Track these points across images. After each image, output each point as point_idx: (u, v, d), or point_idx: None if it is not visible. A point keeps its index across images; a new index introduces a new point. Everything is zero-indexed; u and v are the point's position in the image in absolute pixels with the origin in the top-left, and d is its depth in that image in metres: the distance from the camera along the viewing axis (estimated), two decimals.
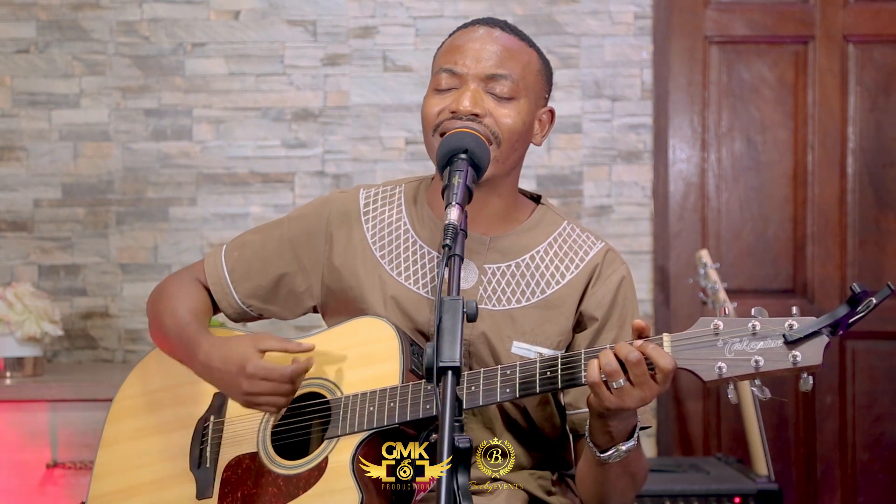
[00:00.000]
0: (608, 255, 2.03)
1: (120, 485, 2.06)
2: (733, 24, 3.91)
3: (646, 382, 1.66)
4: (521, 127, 1.95)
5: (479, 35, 1.97)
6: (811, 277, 3.89)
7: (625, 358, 1.66)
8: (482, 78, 1.93)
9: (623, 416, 1.74)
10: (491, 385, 1.80)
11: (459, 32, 2.01)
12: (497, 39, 1.96)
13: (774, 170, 3.92)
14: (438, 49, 2.03)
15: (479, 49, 1.94)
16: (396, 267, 2.03)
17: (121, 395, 2.16)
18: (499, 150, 1.92)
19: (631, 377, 1.66)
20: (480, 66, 1.93)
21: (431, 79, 2.00)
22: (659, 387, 1.67)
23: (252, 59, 3.85)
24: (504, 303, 1.98)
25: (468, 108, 1.90)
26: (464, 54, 1.94)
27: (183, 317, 2.04)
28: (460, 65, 1.94)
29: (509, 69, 1.94)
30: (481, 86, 1.93)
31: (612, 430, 1.76)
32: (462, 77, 1.94)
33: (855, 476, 3.90)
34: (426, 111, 1.96)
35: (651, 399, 1.70)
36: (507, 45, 1.96)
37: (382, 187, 2.12)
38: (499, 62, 1.93)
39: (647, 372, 1.66)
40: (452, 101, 1.92)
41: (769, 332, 1.62)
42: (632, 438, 1.79)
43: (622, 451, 1.78)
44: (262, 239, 2.12)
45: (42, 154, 3.83)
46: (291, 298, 2.11)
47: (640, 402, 1.68)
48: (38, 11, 3.83)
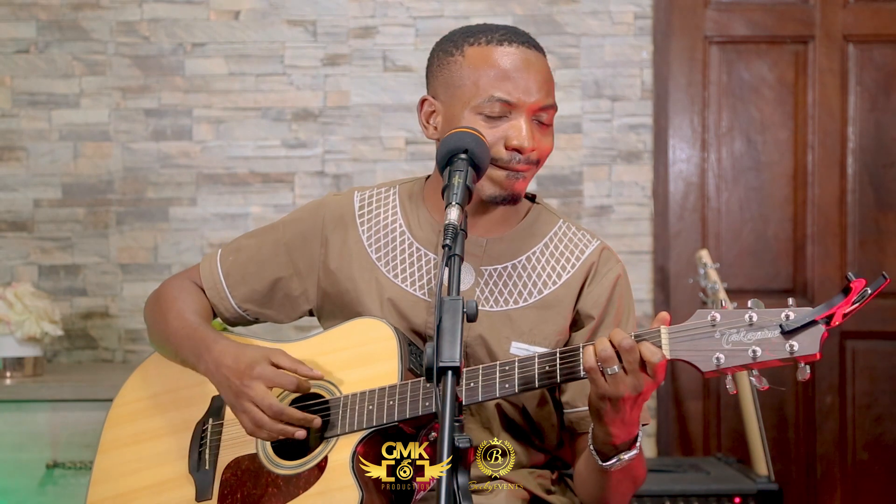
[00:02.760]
0: (603, 253, 2.04)
1: (119, 489, 2.06)
2: (733, 24, 3.91)
3: (637, 371, 1.68)
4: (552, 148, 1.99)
5: (522, 59, 1.93)
6: (811, 277, 3.89)
7: (618, 344, 1.68)
8: (534, 110, 1.92)
9: (624, 423, 1.74)
10: (490, 380, 1.80)
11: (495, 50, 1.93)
12: (539, 65, 1.94)
13: (774, 170, 3.92)
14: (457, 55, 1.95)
15: (528, 78, 1.91)
16: (393, 269, 2.03)
17: (118, 400, 2.16)
18: (533, 171, 1.96)
19: (624, 364, 1.68)
20: (533, 99, 1.91)
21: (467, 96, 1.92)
22: (651, 379, 1.69)
23: (252, 59, 3.85)
24: (501, 304, 1.99)
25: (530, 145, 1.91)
26: (515, 83, 1.91)
27: (192, 319, 2.05)
28: (514, 96, 1.90)
29: (553, 98, 1.96)
30: (529, 115, 1.92)
31: (614, 439, 1.77)
32: (515, 106, 1.91)
33: (855, 476, 3.90)
34: None
35: (647, 393, 1.71)
36: (544, 71, 1.95)
37: (377, 189, 2.12)
38: (547, 93, 1.94)
39: (638, 360, 1.68)
40: (512, 137, 1.90)
41: (766, 322, 1.63)
42: (634, 447, 1.80)
43: (624, 459, 1.80)
44: (257, 243, 2.12)
45: (42, 154, 3.83)
46: (287, 302, 2.11)
47: (633, 391, 1.69)
48: (38, 11, 3.83)
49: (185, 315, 2.06)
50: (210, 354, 1.95)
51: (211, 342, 1.97)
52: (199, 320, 2.05)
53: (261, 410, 1.86)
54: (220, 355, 1.93)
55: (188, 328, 2.03)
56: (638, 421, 1.78)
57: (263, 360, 1.89)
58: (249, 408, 1.87)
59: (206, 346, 1.97)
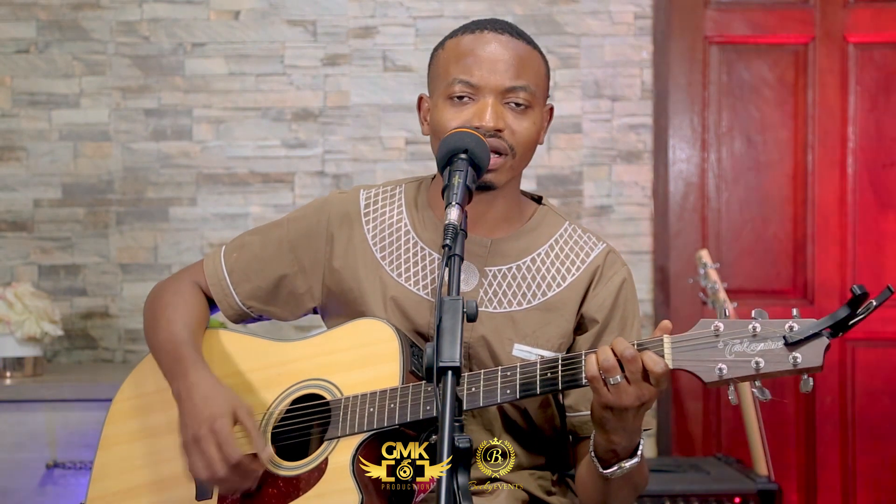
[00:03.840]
0: (609, 256, 2.03)
1: (119, 486, 2.06)
2: (733, 24, 3.91)
3: (640, 381, 1.67)
4: (535, 135, 1.95)
5: (489, 43, 1.93)
6: (811, 277, 3.89)
7: (621, 354, 1.66)
8: (501, 91, 1.91)
9: (626, 431, 1.73)
10: (491, 386, 1.79)
11: (467, 37, 1.96)
12: (508, 47, 1.93)
13: (774, 170, 3.92)
14: (440, 49, 2.00)
15: (494, 59, 1.92)
16: (397, 268, 2.02)
17: (120, 396, 2.15)
18: (514, 161, 1.92)
19: (627, 374, 1.67)
20: (498, 78, 1.90)
21: (440, 83, 1.96)
22: (653, 388, 1.67)
23: (252, 59, 3.85)
24: (505, 305, 1.98)
25: (492, 125, 1.88)
26: (479, 64, 1.91)
27: (179, 333, 2.02)
28: (476, 76, 1.90)
29: (525, 79, 1.92)
30: (499, 98, 1.91)
31: (616, 447, 1.76)
32: (479, 88, 1.91)
33: (855, 476, 3.90)
34: (443, 122, 1.92)
35: (650, 401, 1.69)
36: (520, 54, 1.94)
37: (382, 188, 2.12)
38: (516, 73, 1.92)
39: (641, 370, 1.66)
40: (474, 116, 1.89)
41: (769, 333, 1.62)
42: (635, 455, 1.78)
43: (625, 467, 1.78)
44: (262, 240, 2.12)
45: (42, 154, 3.83)
46: (292, 300, 2.10)
47: (636, 401, 1.68)
48: (38, 11, 3.83)
49: (173, 326, 2.03)
50: (184, 381, 1.93)
51: (188, 366, 1.95)
52: (186, 335, 2.02)
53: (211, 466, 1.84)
54: (191, 387, 1.91)
55: (173, 342, 2.00)
56: (640, 429, 1.77)
57: (229, 412, 1.86)
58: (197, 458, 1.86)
59: (183, 370, 1.94)
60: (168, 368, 1.99)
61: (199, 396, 1.89)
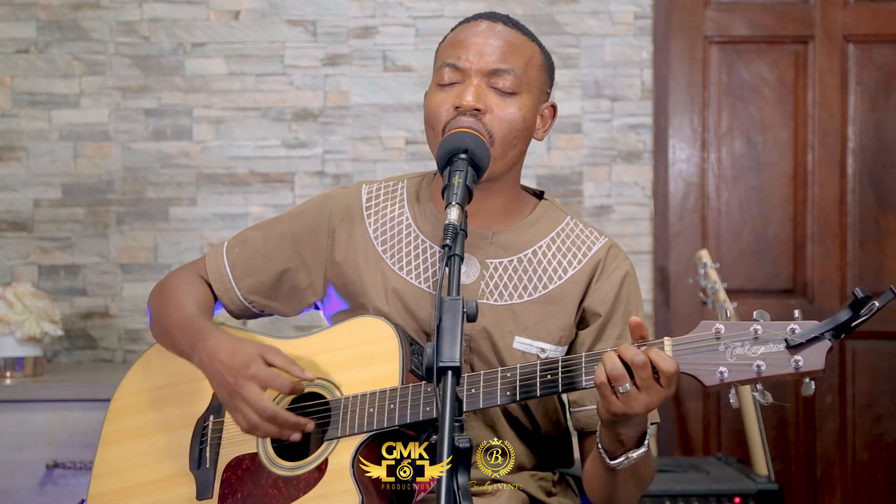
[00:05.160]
0: (611, 250, 2.03)
1: (120, 484, 2.06)
2: (733, 24, 3.91)
3: (651, 386, 1.65)
4: (521, 123, 1.95)
5: (481, 29, 1.97)
6: (811, 277, 3.89)
7: (630, 361, 1.64)
8: (485, 73, 1.93)
9: (632, 422, 1.73)
10: (491, 388, 1.79)
11: (462, 27, 2.01)
12: (499, 34, 1.96)
13: (774, 170, 3.92)
14: (440, 44, 2.03)
15: (482, 43, 1.94)
16: (398, 261, 2.02)
17: (120, 393, 2.15)
18: (493, 147, 1.91)
19: (637, 381, 1.65)
20: (483, 61, 1.93)
21: (434, 74, 2.00)
22: (664, 391, 1.66)
23: (252, 59, 3.85)
24: (506, 298, 1.98)
25: (471, 102, 1.90)
26: (467, 49, 1.94)
27: (190, 310, 2.03)
28: (463, 59, 1.94)
29: (512, 64, 1.94)
30: (484, 81, 1.93)
31: (622, 437, 1.75)
32: (465, 72, 1.94)
33: (855, 476, 3.90)
34: (430, 107, 1.96)
35: (657, 404, 1.68)
36: (510, 40, 1.96)
37: (385, 183, 2.12)
38: (501, 57, 1.94)
39: (652, 375, 1.64)
40: (456, 97, 1.92)
41: (771, 336, 1.60)
42: (642, 445, 1.78)
43: (633, 458, 1.77)
44: (264, 235, 2.12)
45: (42, 154, 3.83)
46: (294, 294, 2.10)
47: (646, 408, 1.67)
48: (38, 11, 3.83)
49: (184, 305, 2.04)
50: (204, 346, 1.93)
51: (206, 333, 1.95)
52: (197, 311, 2.03)
53: (255, 412, 1.85)
54: (214, 348, 1.91)
55: (185, 318, 2.02)
56: (646, 420, 1.76)
57: (258, 358, 1.87)
58: (243, 408, 1.85)
59: (202, 337, 1.95)
60: (186, 342, 1.99)
61: (224, 354, 1.89)
